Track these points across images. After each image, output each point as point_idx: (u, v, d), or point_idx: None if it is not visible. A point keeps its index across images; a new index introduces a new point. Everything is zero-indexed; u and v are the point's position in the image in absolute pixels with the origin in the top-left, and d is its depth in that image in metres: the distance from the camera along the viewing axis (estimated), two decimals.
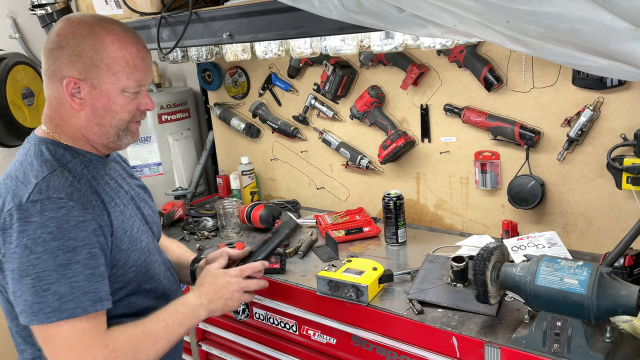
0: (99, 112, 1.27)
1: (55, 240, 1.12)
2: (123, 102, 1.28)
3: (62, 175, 1.20)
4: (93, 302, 1.15)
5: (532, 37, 1.01)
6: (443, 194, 2.20)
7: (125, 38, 1.26)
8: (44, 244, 1.12)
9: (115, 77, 1.25)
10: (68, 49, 1.22)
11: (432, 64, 2.10)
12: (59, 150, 1.26)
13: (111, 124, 1.29)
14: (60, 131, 1.29)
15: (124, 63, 1.25)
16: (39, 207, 1.13)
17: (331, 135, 2.45)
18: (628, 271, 1.51)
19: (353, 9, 1.27)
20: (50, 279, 1.12)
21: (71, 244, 1.14)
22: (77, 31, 1.23)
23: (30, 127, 2.42)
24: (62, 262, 1.12)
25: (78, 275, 1.14)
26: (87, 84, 1.24)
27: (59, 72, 1.24)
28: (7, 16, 2.49)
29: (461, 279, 1.62)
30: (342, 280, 1.64)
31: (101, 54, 1.23)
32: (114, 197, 1.29)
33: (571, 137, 1.82)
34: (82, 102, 1.25)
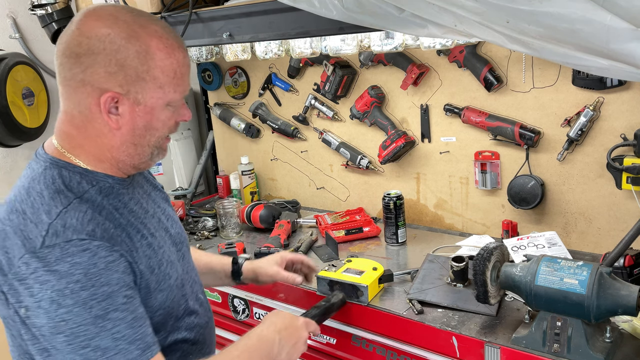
0: (139, 131, 1.07)
1: (85, 289, 0.94)
2: (165, 118, 1.09)
3: (79, 209, 1.01)
4: (143, 350, 0.99)
5: (532, 37, 1.01)
6: (443, 194, 2.20)
7: (170, 42, 1.05)
8: (72, 296, 0.94)
9: (162, 91, 1.05)
10: (104, 56, 1.00)
11: (432, 64, 2.10)
12: (75, 177, 1.06)
13: (149, 142, 1.09)
14: (80, 152, 1.08)
15: (172, 73, 1.05)
16: (58, 252, 0.95)
17: (331, 135, 2.45)
18: (628, 271, 1.51)
19: (353, 9, 1.27)
20: (88, 333, 0.94)
21: (105, 291, 0.96)
22: (114, 32, 1.01)
23: (30, 127, 2.42)
24: (99, 313, 0.95)
25: (120, 324, 0.97)
26: (128, 99, 1.03)
27: (92, 84, 1.02)
28: (7, 16, 2.48)
29: (461, 279, 1.62)
30: (342, 280, 1.64)
31: (148, 64, 1.02)
32: (140, 229, 1.10)
33: (571, 137, 1.82)
34: (120, 119, 1.05)
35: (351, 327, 1.67)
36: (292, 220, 2.26)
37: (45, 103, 2.51)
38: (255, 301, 1.91)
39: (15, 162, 2.51)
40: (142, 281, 1.07)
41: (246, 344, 1.17)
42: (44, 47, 2.59)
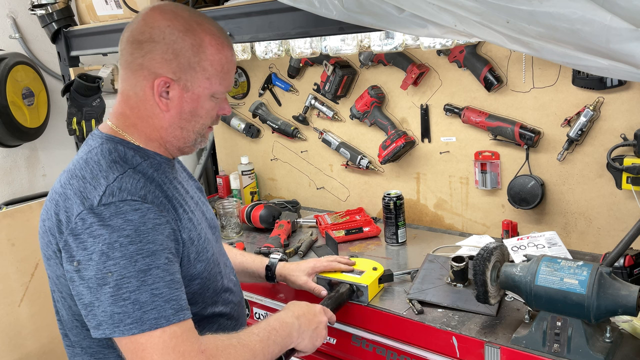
0: (185, 115, 1.19)
1: (133, 244, 1.03)
2: (209, 107, 1.21)
3: (134, 177, 1.11)
4: (176, 311, 1.05)
5: (532, 37, 1.01)
6: (443, 194, 2.20)
7: (221, 40, 1.18)
8: (121, 249, 1.02)
9: (209, 82, 1.17)
10: (163, 45, 1.13)
11: (432, 64, 2.10)
12: (128, 151, 1.17)
13: (194, 128, 1.22)
14: (134, 130, 1.20)
15: (219, 67, 1.18)
16: (113, 209, 1.05)
17: (331, 135, 2.45)
18: (628, 271, 1.51)
19: (353, 9, 1.27)
20: (129, 286, 1.02)
21: (150, 248, 1.05)
22: (174, 25, 1.14)
23: (30, 127, 2.42)
24: (142, 268, 1.03)
25: (159, 282, 1.04)
26: (179, 85, 1.16)
27: (148, 68, 1.14)
28: (7, 16, 2.48)
29: (461, 279, 1.62)
30: (342, 280, 1.64)
31: (199, 56, 1.15)
32: (182, 204, 1.20)
33: (571, 137, 1.82)
34: (169, 103, 1.17)
35: (351, 327, 1.67)
36: (292, 220, 2.26)
37: (45, 103, 2.51)
38: (255, 301, 1.91)
39: (15, 162, 2.51)
40: (185, 249, 1.16)
41: (266, 326, 1.23)
42: (44, 47, 2.59)
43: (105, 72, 2.49)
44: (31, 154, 2.57)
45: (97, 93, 2.23)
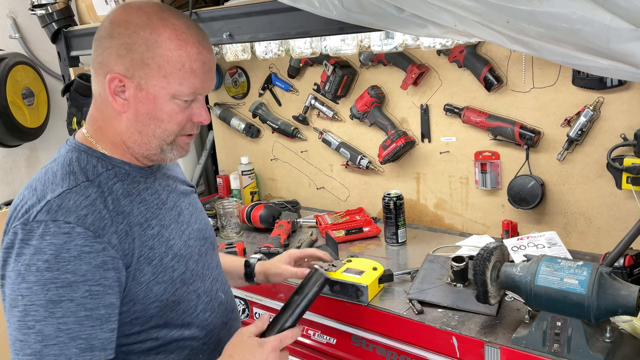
0: (141, 117, 1.08)
1: (49, 271, 0.95)
2: (172, 111, 1.08)
3: (83, 193, 1.03)
4: (81, 350, 0.96)
5: (532, 37, 1.01)
6: (443, 194, 2.20)
7: (185, 36, 1.06)
8: (36, 273, 0.95)
9: (166, 80, 1.05)
10: (118, 40, 1.05)
11: (432, 64, 2.10)
12: (92, 160, 1.09)
13: (154, 133, 1.09)
14: (100, 135, 1.12)
15: (178, 65, 1.05)
16: (42, 228, 0.97)
17: (331, 135, 2.45)
18: (628, 271, 1.51)
19: (353, 9, 1.27)
20: (36, 315, 0.95)
21: (67, 278, 0.96)
22: (132, 20, 1.05)
23: (30, 127, 2.42)
24: (53, 298, 0.95)
25: (69, 317, 0.96)
26: (133, 83, 1.05)
27: (105, 65, 1.06)
28: (7, 16, 2.48)
29: (461, 279, 1.62)
30: (342, 280, 1.64)
31: (153, 51, 1.04)
32: (148, 218, 1.11)
33: (571, 137, 1.82)
34: (126, 103, 1.07)
35: (351, 327, 1.67)
36: (292, 220, 2.26)
37: (45, 103, 2.51)
38: (255, 301, 1.91)
39: (15, 162, 2.51)
40: (135, 271, 1.06)
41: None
42: (44, 47, 2.59)
43: None
44: (31, 154, 2.57)
45: None
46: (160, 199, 1.18)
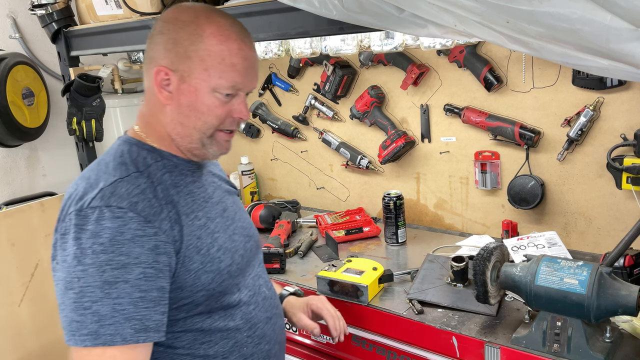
0: (183, 109, 1.12)
1: (105, 253, 0.99)
2: (211, 104, 1.12)
3: (134, 182, 1.07)
4: (136, 331, 0.99)
5: (532, 37, 1.01)
6: (443, 194, 2.20)
7: (228, 32, 1.10)
8: (92, 256, 0.99)
9: (207, 73, 1.09)
10: (167, 35, 1.11)
11: (432, 64, 2.10)
12: (142, 152, 1.14)
13: (195, 125, 1.13)
14: (149, 129, 1.17)
15: (219, 59, 1.09)
16: (96, 214, 1.01)
17: (331, 135, 2.45)
18: (628, 271, 1.51)
19: (353, 9, 1.27)
20: (92, 296, 0.98)
21: (121, 260, 0.99)
22: (179, 17, 1.11)
23: (30, 127, 2.42)
24: (109, 279, 0.98)
25: (124, 297, 0.99)
26: (176, 75, 1.10)
27: (154, 60, 1.12)
28: (7, 16, 2.48)
29: (461, 279, 1.62)
30: (342, 280, 1.64)
31: (197, 45, 1.09)
32: (194, 209, 1.14)
33: (571, 137, 1.82)
34: (170, 95, 1.12)
35: (351, 327, 1.66)
36: (292, 220, 2.26)
37: (45, 103, 2.51)
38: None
39: (15, 162, 2.51)
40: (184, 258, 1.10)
41: None
42: (44, 47, 2.59)
43: (105, 72, 2.49)
44: (31, 154, 2.57)
45: (97, 93, 2.23)
46: (207, 192, 1.22)
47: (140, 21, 1.98)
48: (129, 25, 2.01)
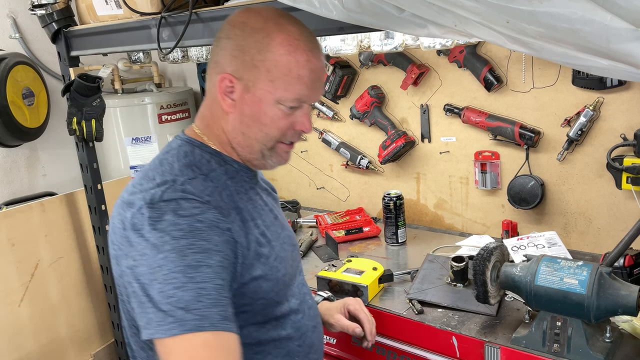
0: (245, 119, 1.08)
1: (185, 238, 0.96)
2: (275, 115, 1.08)
3: (203, 184, 1.05)
4: (222, 317, 0.95)
5: (532, 37, 1.01)
6: (443, 194, 2.20)
7: (297, 42, 1.05)
8: (172, 242, 0.95)
9: (272, 85, 1.05)
10: (234, 41, 1.06)
11: (432, 64, 2.10)
12: (205, 155, 1.11)
13: (257, 137, 1.10)
14: (210, 133, 1.14)
15: (286, 70, 1.04)
16: (173, 205, 0.99)
17: (331, 135, 2.45)
18: (628, 271, 1.51)
19: (353, 9, 1.26)
20: (176, 282, 0.93)
21: (203, 245, 0.97)
22: (248, 22, 1.07)
23: (30, 127, 2.41)
24: (191, 263, 0.94)
25: (207, 282, 0.95)
26: (241, 84, 1.06)
27: (219, 65, 1.08)
28: (7, 16, 2.48)
29: (461, 279, 1.62)
30: (342, 280, 1.64)
31: (264, 54, 1.04)
32: (255, 217, 1.12)
33: (571, 137, 1.82)
34: (233, 103, 1.08)
35: None
36: (292, 220, 2.26)
37: (46, 103, 2.51)
38: None
39: (15, 162, 2.51)
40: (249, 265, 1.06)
41: None
42: (44, 47, 2.59)
43: (105, 72, 2.49)
44: (31, 154, 2.57)
45: (97, 93, 2.23)
46: (263, 200, 1.20)
47: (140, 21, 1.98)
48: (129, 25, 2.01)
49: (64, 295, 2.31)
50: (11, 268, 2.14)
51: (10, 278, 2.14)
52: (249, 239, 1.07)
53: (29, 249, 2.19)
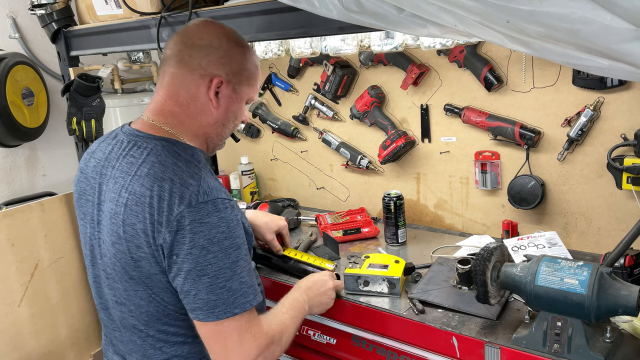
0: (230, 114, 1.34)
1: (227, 239, 1.17)
2: (243, 110, 1.38)
3: (209, 175, 1.24)
4: (254, 295, 1.21)
5: (532, 37, 1.01)
6: (443, 194, 2.20)
7: (256, 55, 1.38)
8: (218, 243, 1.16)
9: (249, 88, 1.35)
10: (220, 51, 1.29)
11: (432, 63, 2.10)
12: (188, 150, 1.28)
13: (230, 127, 1.37)
14: (181, 127, 1.30)
15: (256, 77, 1.37)
16: (210, 207, 1.17)
17: (331, 135, 2.45)
18: (628, 271, 1.51)
19: (353, 9, 1.26)
20: (225, 276, 1.16)
21: (237, 242, 1.19)
22: (229, 37, 1.32)
23: (30, 127, 2.42)
24: (234, 259, 1.18)
25: (243, 271, 1.20)
26: (229, 86, 1.31)
27: (205, 69, 1.28)
28: (7, 16, 2.48)
29: (467, 281, 1.61)
30: (372, 276, 1.64)
31: (246, 64, 1.33)
32: None
33: (571, 137, 1.82)
34: (219, 101, 1.31)
35: (351, 327, 1.66)
36: (289, 217, 2.27)
37: (45, 103, 2.51)
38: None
39: (15, 162, 2.51)
40: None
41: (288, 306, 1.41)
42: (44, 47, 2.59)
43: (105, 72, 2.49)
44: (31, 154, 2.57)
45: (96, 93, 2.23)
46: None
47: (140, 21, 1.98)
48: (128, 25, 2.01)
49: (63, 295, 2.31)
50: (11, 268, 2.14)
51: (10, 278, 2.14)
52: None
53: (28, 249, 2.19)
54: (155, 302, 1.25)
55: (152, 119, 1.31)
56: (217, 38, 1.30)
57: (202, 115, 1.31)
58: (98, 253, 1.32)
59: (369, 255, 1.78)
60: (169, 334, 1.29)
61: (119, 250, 1.23)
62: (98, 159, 1.34)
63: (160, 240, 1.16)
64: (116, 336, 1.38)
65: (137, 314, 1.29)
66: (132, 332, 1.32)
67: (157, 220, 1.16)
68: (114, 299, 1.31)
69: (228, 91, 1.31)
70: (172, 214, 1.15)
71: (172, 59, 1.30)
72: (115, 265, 1.25)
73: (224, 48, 1.30)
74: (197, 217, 1.15)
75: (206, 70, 1.28)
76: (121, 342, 1.37)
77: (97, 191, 1.31)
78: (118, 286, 1.28)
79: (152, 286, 1.23)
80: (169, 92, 1.30)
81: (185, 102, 1.29)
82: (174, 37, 1.33)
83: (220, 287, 1.16)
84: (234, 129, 1.40)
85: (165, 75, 1.31)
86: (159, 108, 1.31)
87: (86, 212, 1.35)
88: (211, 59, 1.28)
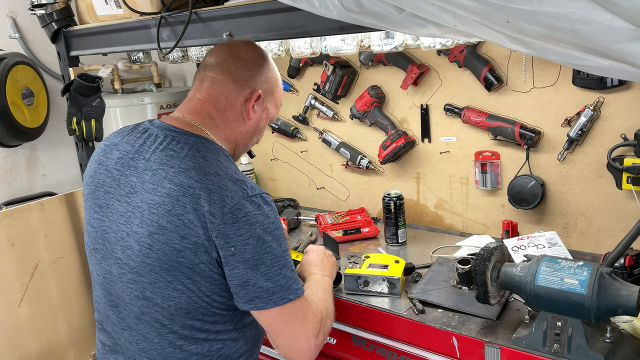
0: (259, 127, 1.45)
1: (277, 229, 1.24)
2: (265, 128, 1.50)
3: None
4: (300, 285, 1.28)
5: (532, 37, 1.01)
6: (443, 194, 2.20)
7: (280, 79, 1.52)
8: (271, 233, 1.22)
9: (275, 109, 1.49)
10: (264, 69, 1.42)
11: (432, 63, 2.10)
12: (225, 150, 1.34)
13: (254, 141, 1.48)
14: (216, 130, 1.37)
15: (280, 101, 1.51)
16: (260, 200, 1.24)
17: (331, 135, 2.45)
18: (628, 271, 1.51)
19: (353, 9, 1.26)
20: (279, 264, 1.22)
21: (283, 233, 1.27)
22: (269, 60, 1.46)
23: (30, 127, 2.41)
24: (284, 248, 1.25)
25: (290, 260, 1.27)
26: (264, 103, 1.42)
27: (249, 81, 1.39)
28: (7, 16, 2.48)
29: (466, 281, 1.61)
30: (372, 276, 1.64)
31: (277, 87, 1.48)
32: None
33: (571, 137, 1.82)
34: (253, 114, 1.41)
35: (351, 327, 1.66)
36: (288, 217, 2.26)
37: (45, 103, 2.51)
38: None
39: (15, 162, 2.51)
40: None
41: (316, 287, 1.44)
42: (44, 47, 2.59)
43: (105, 72, 2.49)
44: (31, 154, 2.57)
45: (97, 93, 2.23)
46: None
47: (140, 21, 1.98)
48: (128, 25, 2.01)
49: (63, 296, 2.31)
50: (11, 268, 2.14)
51: (10, 278, 2.14)
52: None
53: (28, 249, 2.19)
54: (190, 292, 1.24)
55: (189, 118, 1.36)
56: (260, 58, 1.42)
57: (236, 123, 1.39)
58: (118, 246, 1.28)
59: (369, 255, 1.78)
60: (194, 329, 1.28)
61: (157, 240, 1.21)
62: (124, 151, 1.32)
63: (214, 231, 1.19)
64: (125, 336, 1.33)
65: (163, 307, 1.26)
66: (152, 328, 1.28)
67: (208, 211, 1.19)
68: (135, 293, 1.27)
69: (261, 107, 1.42)
70: (226, 206, 1.19)
71: (218, 67, 1.39)
72: (147, 257, 1.23)
73: (266, 68, 1.42)
74: (252, 209, 1.20)
75: (248, 82, 1.38)
76: (130, 342, 1.32)
77: (122, 183, 1.29)
78: (143, 280, 1.25)
79: (192, 275, 1.23)
80: (208, 96, 1.37)
81: (223, 107, 1.37)
82: (221, 47, 1.43)
83: (276, 274, 1.21)
84: (256, 142, 1.49)
85: (206, 80, 1.39)
86: (197, 109, 1.37)
87: (104, 204, 1.31)
88: (254, 74, 1.39)
